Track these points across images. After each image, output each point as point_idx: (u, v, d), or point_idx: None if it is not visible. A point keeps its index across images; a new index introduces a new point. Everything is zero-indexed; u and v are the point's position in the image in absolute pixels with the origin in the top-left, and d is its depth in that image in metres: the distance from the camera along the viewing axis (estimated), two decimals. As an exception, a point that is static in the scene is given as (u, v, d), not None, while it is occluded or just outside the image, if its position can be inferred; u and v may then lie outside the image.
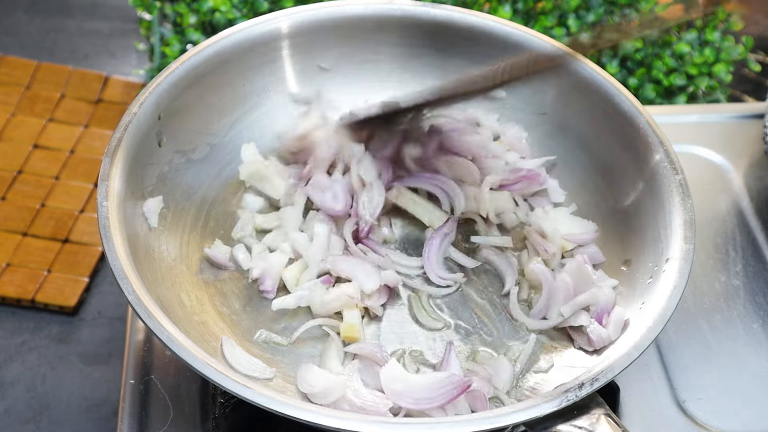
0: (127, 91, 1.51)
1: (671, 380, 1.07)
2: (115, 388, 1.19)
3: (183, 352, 0.86)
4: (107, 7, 1.68)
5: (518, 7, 1.48)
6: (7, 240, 1.31)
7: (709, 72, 1.44)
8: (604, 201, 1.12)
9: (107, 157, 0.99)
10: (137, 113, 1.04)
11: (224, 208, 1.11)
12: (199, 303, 1.02)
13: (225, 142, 1.15)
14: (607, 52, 1.45)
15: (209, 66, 1.12)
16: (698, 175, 1.26)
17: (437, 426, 0.84)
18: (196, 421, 1.00)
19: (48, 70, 1.53)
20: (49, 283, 1.27)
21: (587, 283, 1.03)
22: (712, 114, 1.35)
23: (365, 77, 1.22)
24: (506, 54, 1.18)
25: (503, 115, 1.20)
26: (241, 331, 1.01)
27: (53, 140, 1.43)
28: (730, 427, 1.04)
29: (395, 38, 1.20)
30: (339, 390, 0.93)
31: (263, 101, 1.18)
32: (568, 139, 1.17)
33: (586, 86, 1.14)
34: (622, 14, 1.47)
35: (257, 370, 0.96)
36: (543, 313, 1.03)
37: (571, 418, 0.87)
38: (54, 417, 1.17)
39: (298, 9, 1.17)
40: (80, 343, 1.24)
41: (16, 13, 1.66)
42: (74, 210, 1.35)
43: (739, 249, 1.19)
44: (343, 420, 0.84)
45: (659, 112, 1.34)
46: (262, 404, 0.84)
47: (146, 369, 1.04)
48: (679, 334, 1.11)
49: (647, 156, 1.07)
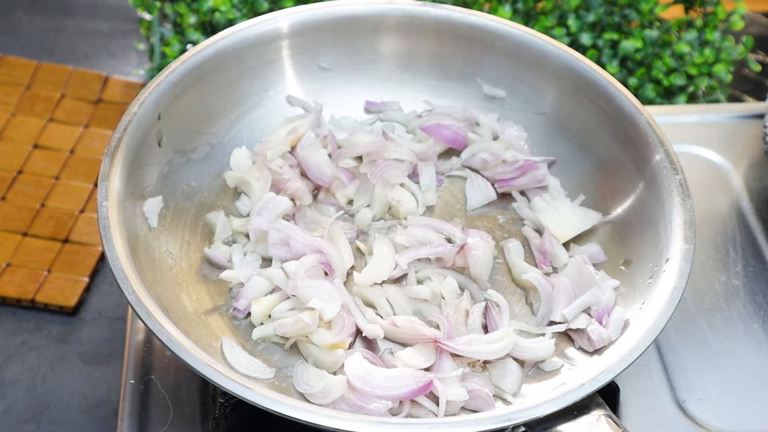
0: (127, 91, 1.51)
1: (671, 380, 1.07)
2: (115, 388, 1.19)
3: (183, 353, 0.86)
4: (107, 7, 1.68)
5: (518, 7, 1.48)
6: (7, 240, 1.31)
7: (709, 72, 1.44)
8: (604, 201, 1.12)
9: (107, 157, 0.99)
10: (137, 113, 1.04)
11: (224, 208, 1.11)
12: (198, 303, 1.02)
13: (225, 142, 1.15)
14: (607, 52, 1.45)
15: (209, 66, 1.12)
16: (698, 175, 1.26)
17: (437, 426, 0.84)
18: (196, 421, 1.00)
19: (48, 70, 1.53)
20: (49, 283, 1.27)
21: (588, 283, 1.02)
22: (712, 114, 1.35)
23: (365, 77, 1.22)
24: (506, 54, 1.18)
25: (503, 115, 1.20)
26: (241, 331, 1.01)
27: (53, 140, 1.43)
28: (730, 427, 1.04)
29: (395, 38, 1.20)
30: (338, 390, 0.93)
31: (263, 101, 1.18)
32: (568, 139, 1.17)
33: (586, 86, 1.14)
34: (622, 14, 1.46)
35: (257, 371, 0.96)
36: (547, 319, 1.03)
37: (571, 419, 0.87)
38: (54, 417, 1.17)
39: (298, 9, 1.17)
40: (80, 343, 1.24)
41: (16, 13, 1.66)
42: (74, 210, 1.35)
43: (739, 249, 1.19)
44: (342, 420, 0.84)
45: (659, 112, 1.34)
46: (261, 404, 0.84)
47: (146, 369, 1.04)
48: (679, 334, 1.11)
49: (647, 156, 1.07)
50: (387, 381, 0.93)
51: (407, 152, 1.15)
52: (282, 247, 1.03)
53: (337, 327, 0.98)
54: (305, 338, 0.98)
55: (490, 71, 1.20)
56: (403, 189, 1.14)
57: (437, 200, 1.15)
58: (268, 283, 1.02)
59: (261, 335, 1.00)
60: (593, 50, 1.44)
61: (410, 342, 0.99)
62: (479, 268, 1.05)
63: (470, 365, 0.99)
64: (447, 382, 0.94)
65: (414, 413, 0.94)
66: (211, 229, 1.09)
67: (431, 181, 1.15)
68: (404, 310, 1.02)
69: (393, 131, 1.20)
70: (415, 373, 0.94)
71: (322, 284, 0.99)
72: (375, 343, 1.00)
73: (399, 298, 1.02)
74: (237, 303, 1.02)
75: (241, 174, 1.10)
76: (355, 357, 0.95)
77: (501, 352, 0.97)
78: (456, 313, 1.00)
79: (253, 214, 1.06)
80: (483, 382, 0.96)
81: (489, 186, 1.16)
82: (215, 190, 1.12)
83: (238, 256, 1.06)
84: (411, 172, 1.16)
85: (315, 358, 0.97)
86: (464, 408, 0.95)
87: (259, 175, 1.10)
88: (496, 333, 0.98)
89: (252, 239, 1.06)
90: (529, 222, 1.13)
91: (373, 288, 1.03)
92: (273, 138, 1.15)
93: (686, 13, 1.50)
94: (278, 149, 1.12)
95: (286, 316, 0.99)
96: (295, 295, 0.99)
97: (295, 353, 0.99)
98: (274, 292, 1.02)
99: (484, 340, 0.97)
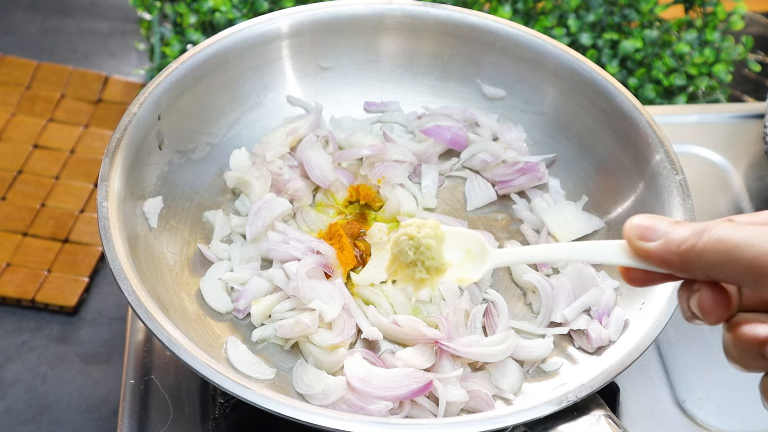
0: (127, 91, 1.51)
1: (671, 380, 1.07)
2: (115, 388, 1.19)
3: (182, 353, 0.86)
4: (107, 7, 1.68)
5: (518, 7, 1.47)
6: (7, 240, 1.31)
7: (709, 72, 1.44)
8: (604, 201, 1.12)
9: (107, 157, 0.99)
10: (137, 113, 1.04)
11: (224, 208, 1.11)
12: (198, 303, 1.02)
13: (225, 142, 1.15)
14: (607, 52, 1.45)
15: (209, 66, 1.12)
16: (698, 175, 1.26)
17: (437, 427, 0.84)
18: (196, 421, 1.00)
19: (48, 70, 1.53)
20: (49, 283, 1.27)
21: (588, 284, 1.02)
22: (712, 114, 1.35)
23: (365, 77, 1.22)
24: (506, 54, 1.18)
25: (503, 115, 1.20)
26: (241, 331, 1.01)
27: (53, 140, 1.43)
28: (730, 427, 1.04)
29: (395, 38, 1.20)
30: (337, 392, 0.93)
31: (263, 101, 1.18)
32: (568, 139, 1.17)
33: (586, 86, 1.14)
34: (622, 14, 1.46)
35: (258, 371, 0.96)
36: (547, 320, 1.03)
37: (571, 419, 0.87)
38: (54, 417, 1.17)
39: (298, 9, 1.17)
40: (80, 343, 1.24)
41: (16, 13, 1.66)
42: (74, 210, 1.35)
43: (739, 249, 1.19)
44: (342, 421, 0.84)
45: (659, 112, 1.34)
46: (261, 405, 0.84)
47: (146, 369, 1.04)
48: (679, 334, 1.11)
49: (647, 156, 1.07)
50: (387, 381, 0.93)
51: (407, 153, 1.15)
52: (281, 248, 1.03)
53: (337, 328, 0.98)
54: (305, 338, 0.98)
55: (490, 71, 1.20)
56: (404, 190, 1.14)
57: (437, 201, 1.15)
58: (269, 283, 1.02)
59: (261, 336, 1.00)
60: (593, 50, 1.44)
61: (411, 342, 0.98)
62: None
63: (470, 365, 0.98)
64: (447, 382, 0.94)
65: (414, 414, 0.94)
66: (210, 228, 1.09)
67: (433, 182, 1.15)
68: (405, 310, 1.02)
69: (392, 131, 1.20)
70: (415, 373, 0.94)
71: (323, 285, 0.99)
72: (376, 343, 1.00)
73: (399, 298, 1.02)
74: (237, 303, 1.02)
75: (240, 174, 1.10)
76: (355, 357, 0.95)
77: (502, 355, 0.97)
78: (455, 314, 1.00)
79: (251, 214, 1.06)
80: (483, 383, 0.96)
81: (489, 186, 1.16)
82: (215, 190, 1.12)
83: (237, 255, 1.06)
84: (411, 173, 1.16)
85: (315, 358, 0.97)
86: (464, 409, 0.95)
87: (259, 176, 1.10)
88: (497, 335, 0.98)
89: (249, 239, 1.06)
90: (529, 223, 1.13)
91: (373, 288, 1.03)
92: (272, 138, 1.15)
93: (686, 13, 1.50)
94: (278, 150, 1.12)
95: (286, 316, 0.99)
96: (295, 296, 0.99)
97: (296, 353, 0.99)
98: (274, 293, 1.02)
99: (485, 342, 0.97)
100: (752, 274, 0.66)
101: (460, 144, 1.18)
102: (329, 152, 1.15)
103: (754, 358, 0.69)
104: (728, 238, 0.67)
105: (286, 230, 1.05)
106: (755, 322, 0.69)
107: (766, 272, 0.65)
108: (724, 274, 0.68)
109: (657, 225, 0.72)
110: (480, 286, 1.05)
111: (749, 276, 0.66)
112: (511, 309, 1.04)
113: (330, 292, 0.99)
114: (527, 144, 1.18)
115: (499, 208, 1.15)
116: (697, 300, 0.71)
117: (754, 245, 0.66)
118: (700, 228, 0.69)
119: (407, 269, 0.84)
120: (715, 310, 0.70)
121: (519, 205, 1.14)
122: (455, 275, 0.85)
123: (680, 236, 0.70)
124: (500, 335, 0.98)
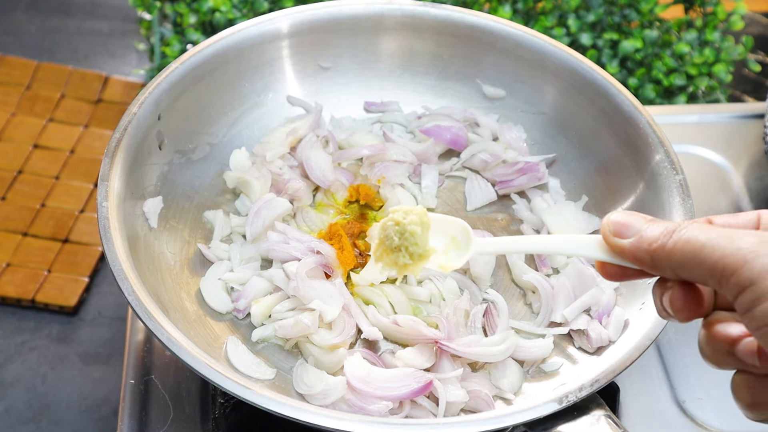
0: (127, 91, 1.51)
1: (671, 380, 1.07)
2: (115, 388, 1.19)
3: (182, 353, 0.86)
4: (107, 7, 1.68)
5: (518, 7, 1.47)
6: (7, 240, 1.31)
7: (709, 72, 1.44)
8: (604, 201, 1.12)
9: (107, 157, 0.99)
10: (137, 113, 1.04)
11: (224, 208, 1.11)
12: (198, 303, 1.02)
13: (225, 142, 1.15)
14: (607, 52, 1.45)
15: (209, 66, 1.12)
16: (698, 175, 1.26)
17: (437, 427, 0.84)
18: (196, 421, 1.00)
19: (48, 70, 1.53)
20: (49, 283, 1.27)
21: (588, 284, 1.02)
22: (712, 114, 1.35)
23: (365, 77, 1.22)
24: (506, 54, 1.18)
25: (503, 115, 1.20)
26: (241, 331, 1.01)
27: (53, 140, 1.43)
28: (730, 427, 1.04)
29: (395, 38, 1.20)
30: (337, 392, 0.93)
31: (263, 101, 1.18)
32: (568, 139, 1.17)
33: (586, 86, 1.14)
34: (622, 14, 1.46)
35: (258, 371, 0.96)
36: (547, 320, 1.03)
37: (571, 419, 0.87)
38: (54, 417, 1.17)
39: (298, 9, 1.17)
40: (80, 343, 1.24)
41: (16, 13, 1.66)
42: (74, 210, 1.35)
43: (739, 249, 1.19)
44: (342, 421, 0.84)
45: (659, 112, 1.34)
46: (261, 405, 0.84)
47: (146, 369, 1.04)
48: (679, 334, 1.11)
49: (647, 156, 1.07)
50: (387, 381, 0.93)
51: (407, 153, 1.15)
52: (281, 248, 1.03)
53: (337, 328, 0.98)
54: (305, 338, 0.98)
55: (490, 71, 1.20)
56: (404, 190, 1.14)
57: (437, 201, 1.15)
58: (269, 283, 1.02)
59: (261, 336, 1.00)
60: (593, 50, 1.44)
61: (411, 342, 0.98)
62: (480, 269, 1.05)
63: (470, 365, 0.98)
64: (447, 382, 0.94)
65: (414, 414, 0.94)
66: (210, 228, 1.09)
67: (433, 182, 1.15)
68: (405, 310, 1.02)
69: (392, 131, 1.20)
70: (415, 373, 0.94)
71: (323, 285, 0.99)
72: (376, 343, 1.00)
73: (399, 298, 1.02)
74: (237, 303, 1.02)
75: (240, 174, 1.10)
76: (355, 357, 0.95)
77: (502, 355, 0.97)
78: (455, 314, 1.00)
79: (252, 214, 1.06)
80: (483, 383, 0.96)
81: (489, 186, 1.16)
82: (215, 190, 1.12)
83: (237, 255, 1.06)
84: (411, 173, 1.16)
85: (315, 358, 0.97)
86: (464, 409, 0.95)
87: (259, 176, 1.10)
88: (497, 335, 0.98)
89: (249, 239, 1.06)
90: (529, 223, 1.13)
91: (373, 288, 1.03)
92: (272, 138, 1.15)
93: (686, 13, 1.50)
94: (278, 150, 1.12)
95: (286, 316, 0.99)
96: (295, 296, 0.99)
97: (296, 353, 0.99)
98: (274, 293, 1.02)
99: (485, 342, 0.97)
100: (716, 275, 0.67)
101: (460, 144, 1.18)
102: (329, 152, 1.15)
103: (726, 356, 0.70)
104: (695, 239, 0.68)
105: (286, 230, 1.05)
106: (729, 321, 0.70)
107: (728, 274, 0.66)
108: (690, 274, 0.69)
109: (632, 222, 0.73)
110: (480, 286, 1.05)
111: (713, 277, 0.67)
112: (511, 309, 1.04)
113: (330, 292, 0.99)
114: (527, 144, 1.18)
115: (499, 208, 1.15)
116: (669, 297, 0.72)
117: (719, 247, 0.67)
118: (672, 227, 0.70)
119: (392, 254, 0.86)
120: (686, 308, 0.71)
121: (519, 205, 1.14)
122: (438, 261, 0.87)
123: (652, 235, 0.71)
124: (500, 335, 0.98)
